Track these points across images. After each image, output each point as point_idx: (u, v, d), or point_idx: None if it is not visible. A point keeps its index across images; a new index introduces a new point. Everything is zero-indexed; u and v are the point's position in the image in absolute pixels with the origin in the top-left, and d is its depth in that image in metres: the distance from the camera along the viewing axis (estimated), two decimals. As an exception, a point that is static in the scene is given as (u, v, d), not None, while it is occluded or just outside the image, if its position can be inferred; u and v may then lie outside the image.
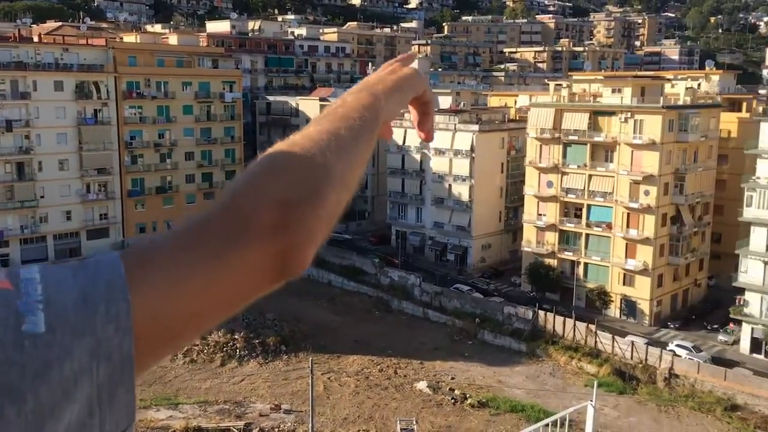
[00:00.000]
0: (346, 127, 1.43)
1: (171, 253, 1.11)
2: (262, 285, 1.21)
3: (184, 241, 1.13)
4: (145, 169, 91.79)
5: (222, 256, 1.13)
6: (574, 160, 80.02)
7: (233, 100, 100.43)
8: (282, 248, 1.19)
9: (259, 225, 1.17)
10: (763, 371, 63.95)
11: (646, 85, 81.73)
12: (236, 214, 1.17)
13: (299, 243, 1.21)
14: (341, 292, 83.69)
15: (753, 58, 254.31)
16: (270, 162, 1.27)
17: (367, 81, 1.65)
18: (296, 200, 1.21)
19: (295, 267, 1.23)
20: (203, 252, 1.12)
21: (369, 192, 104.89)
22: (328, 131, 1.39)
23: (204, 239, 1.14)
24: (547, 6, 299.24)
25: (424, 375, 65.14)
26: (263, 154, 1.31)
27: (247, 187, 1.21)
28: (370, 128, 1.49)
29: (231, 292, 1.16)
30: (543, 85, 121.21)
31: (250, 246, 1.15)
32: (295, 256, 1.21)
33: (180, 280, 1.09)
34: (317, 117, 1.47)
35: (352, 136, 1.42)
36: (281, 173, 1.25)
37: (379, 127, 1.55)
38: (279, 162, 1.27)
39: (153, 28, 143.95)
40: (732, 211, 74.95)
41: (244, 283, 1.17)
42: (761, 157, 68.92)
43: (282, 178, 1.24)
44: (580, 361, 67.01)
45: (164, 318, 1.07)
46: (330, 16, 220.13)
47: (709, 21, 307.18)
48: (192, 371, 65.61)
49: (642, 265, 75.26)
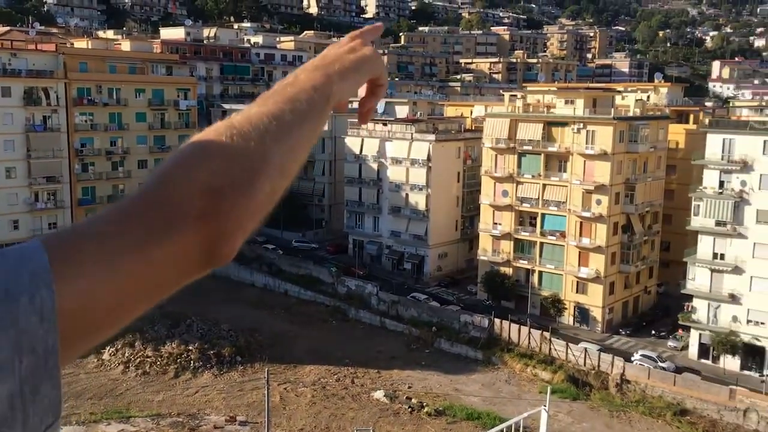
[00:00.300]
0: (292, 110, 1.37)
1: (96, 241, 1.07)
2: (189, 273, 1.19)
3: (110, 228, 1.10)
4: (97, 178, 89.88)
5: (148, 245, 1.10)
6: (529, 169, 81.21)
7: (188, 108, 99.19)
8: (210, 237, 1.17)
9: (186, 213, 1.14)
10: (711, 376, 65.74)
11: (598, 97, 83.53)
12: (163, 201, 1.14)
13: (228, 232, 1.19)
14: (298, 301, 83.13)
15: (699, 72, 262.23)
16: (203, 145, 1.23)
17: (325, 57, 1.56)
18: (227, 188, 1.18)
19: (223, 256, 1.20)
20: (129, 240, 1.09)
21: (326, 201, 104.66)
22: (270, 114, 1.33)
23: (130, 227, 1.11)
24: (502, 18, 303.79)
25: (381, 384, 65.05)
26: (197, 135, 1.27)
27: (176, 172, 1.18)
28: (318, 112, 1.43)
29: (157, 280, 1.14)
30: (498, 95, 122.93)
31: (177, 234, 1.13)
32: (223, 245, 1.19)
33: (105, 269, 1.05)
34: (264, 94, 1.41)
35: (296, 120, 1.36)
36: (214, 158, 1.21)
37: (329, 110, 1.49)
38: (212, 146, 1.23)
39: (105, 34, 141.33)
40: (680, 220, 76.97)
41: (171, 271, 1.15)
42: (708, 168, 70.92)
43: (214, 163, 1.20)
44: (534, 368, 67.82)
45: (90, 308, 1.04)
46: (286, 24, 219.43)
47: (657, 35, 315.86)
48: (144, 383, 64.27)
49: (594, 273, 76.68)
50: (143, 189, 1.17)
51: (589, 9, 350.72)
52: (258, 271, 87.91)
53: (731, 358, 68.69)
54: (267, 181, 1.25)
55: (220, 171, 1.19)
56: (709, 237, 70.58)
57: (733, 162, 68.75)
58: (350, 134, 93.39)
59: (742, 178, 68.42)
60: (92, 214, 1.15)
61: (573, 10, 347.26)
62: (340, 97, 1.51)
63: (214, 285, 73.36)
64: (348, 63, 1.54)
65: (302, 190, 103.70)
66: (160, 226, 1.12)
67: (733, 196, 68.75)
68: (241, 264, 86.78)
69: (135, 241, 1.09)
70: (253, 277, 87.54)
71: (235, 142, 1.24)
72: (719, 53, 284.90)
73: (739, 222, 68.72)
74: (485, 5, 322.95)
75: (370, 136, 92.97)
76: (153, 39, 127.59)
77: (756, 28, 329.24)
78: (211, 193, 1.17)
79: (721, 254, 70.08)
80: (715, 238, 70.12)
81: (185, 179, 1.17)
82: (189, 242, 1.15)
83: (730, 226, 68.92)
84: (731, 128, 71.48)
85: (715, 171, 70.08)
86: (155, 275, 1.13)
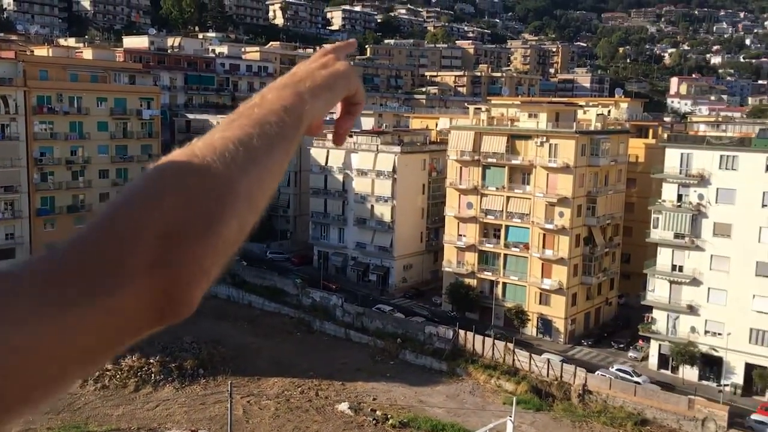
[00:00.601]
0: (260, 135, 1.21)
1: (28, 294, 0.92)
2: (138, 330, 1.03)
3: (46, 278, 0.94)
4: (56, 187, 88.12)
5: (88, 301, 0.94)
6: (493, 182, 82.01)
7: (151, 117, 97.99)
8: (164, 290, 1.01)
9: (134, 264, 0.98)
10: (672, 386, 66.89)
11: (561, 111, 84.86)
12: (106, 250, 0.98)
13: (185, 283, 1.03)
14: (262, 313, 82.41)
15: (658, 87, 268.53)
16: (157, 180, 1.06)
17: (294, 74, 1.43)
18: (183, 232, 1.02)
19: (180, 309, 1.04)
20: (67, 295, 0.93)
21: (291, 212, 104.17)
22: (237, 139, 1.17)
23: (68, 279, 0.95)
24: (467, 32, 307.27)
25: (345, 396, 64.74)
26: (152, 167, 1.09)
27: (124, 214, 1.01)
28: (290, 135, 1.28)
29: (99, 340, 0.98)
30: (463, 108, 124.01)
31: (120, 290, 0.97)
32: (179, 298, 1.03)
33: (37, 327, 0.90)
34: (228, 117, 1.26)
35: (266, 145, 1.21)
36: (170, 195, 1.03)
37: (301, 133, 1.35)
38: (169, 181, 1.06)
39: (66, 42, 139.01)
40: (640, 233, 78.40)
41: (114, 329, 0.99)
42: (666, 181, 72.41)
43: (170, 202, 1.03)
44: (498, 380, 68.20)
45: (18, 371, 0.90)
46: (252, 35, 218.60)
47: (617, 51, 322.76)
48: (103, 397, 62.94)
49: (557, 285, 77.58)
50: (87, 232, 1.00)
51: (551, 25, 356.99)
52: (221, 282, 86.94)
53: (690, 369, 70.02)
54: (233, 218, 1.09)
55: (177, 211, 1.02)
56: (668, 249, 72.00)
57: (691, 176, 70.37)
58: (316, 145, 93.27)
59: (700, 192, 70.04)
60: (32, 259, 0.98)
61: (536, 25, 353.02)
62: (313, 117, 1.37)
63: (176, 297, 72.24)
64: (320, 80, 1.41)
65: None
66: (99, 280, 0.96)
67: (691, 209, 70.31)
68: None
69: (72, 298, 0.94)
70: (216, 288, 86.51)
71: (196, 174, 1.07)
72: (677, 70, 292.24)
73: (696, 234, 70.27)
74: (450, 19, 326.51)
75: (336, 148, 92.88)
76: (116, 47, 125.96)
77: (712, 46, 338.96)
78: (165, 239, 1.00)
79: (679, 266, 71.53)
80: (673, 250, 71.56)
81: (135, 222, 1.00)
82: (137, 297, 0.99)
83: (688, 239, 70.43)
84: (689, 143, 73.18)
85: (674, 184, 71.61)
86: (96, 336, 0.97)
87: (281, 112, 1.28)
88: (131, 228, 0.99)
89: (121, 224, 1.00)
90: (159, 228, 1.00)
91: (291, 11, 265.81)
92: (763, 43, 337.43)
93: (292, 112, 1.30)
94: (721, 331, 68.68)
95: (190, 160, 1.09)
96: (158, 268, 0.99)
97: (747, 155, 67.58)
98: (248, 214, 1.13)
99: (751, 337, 67.50)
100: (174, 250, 1.01)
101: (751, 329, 67.41)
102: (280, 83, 1.38)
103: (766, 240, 66.31)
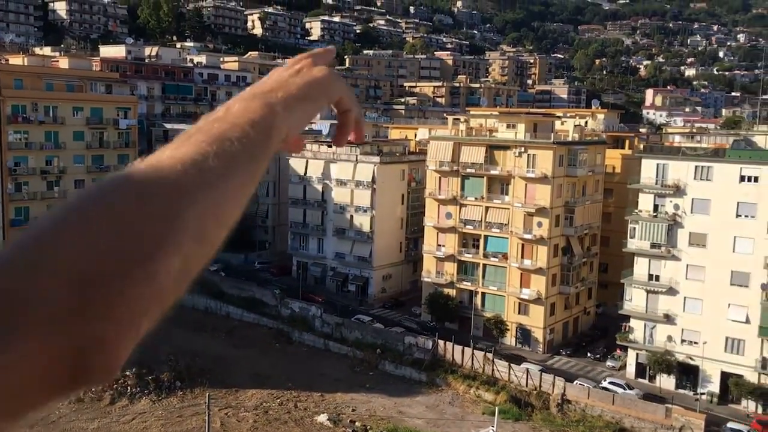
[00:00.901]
0: (218, 154, 1.01)
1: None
2: (47, 395, 0.81)
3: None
4: (31, 198, 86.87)
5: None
6: (472, 192, 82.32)
7: (128, 127, 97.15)
8: (78, 344, 0.79)
9: (40, 313, 0.77)
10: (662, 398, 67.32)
11: (538, 122, 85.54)
12: (8, 295, 0.77)
13: (104, 337, 0.81)
14: (240, 324, 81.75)
15: (634, 99, 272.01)
16: (80, 210, 0.84)
17: (265, 83, 1.27)
18: (107, 275, 0.80)
19: (100, 370, 0.82)
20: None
21: (270, 222, 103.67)
22: (189, 160, 0.96)
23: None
24: (446, 43, 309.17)
25: (324, 407, 64.33)
26: (79, 191, 0.90)
27: (32, 252, 0.80)
28: (256, 153, 1.09)
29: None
30: (442, 119, 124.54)
31: (18, 344, 0.76)
32: (97, 357, 0.81)
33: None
34: (186, 131, 1.06)
35: (225, 166, 1.01)
36: (92, 228, 0.82)
37: (271, 150, 1.15)
38: (93, 211, 0.84)
39: (42, 51, 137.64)
40: (617, 242, 79.05)
41: (15, 394, 0.78)
42: (643, 192, 73.18)
43: (91, 236, 0.81)
44: (478, 390, 68.20)
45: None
46: (231, 45, 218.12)
47: (594, 63, 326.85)
48: (78, 411, 61.93)
49: (536, 295, 77.91)
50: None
51: (529, 37, 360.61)
52: (199, 293, 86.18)
53: (667, 377, 70.57)
54: (174, 256, 0.87)
55: (100, 248, 0.81)
56: (645, 259, 72.67)
57: (667, 186, 71.19)
58: (294, 155, 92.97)
59: (676, 202, 70.86)
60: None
61: (514, 37, 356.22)
62: (289, 130, 1.20)
63: (153, 308, 71.47)
64: (294, 89, 1.24)
65: (246, 211, 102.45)
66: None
67: (667, 219, 71.08)
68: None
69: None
70: (194, 299, 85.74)
71: (129, 203, 0.86)
72: (652, 81, 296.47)
73: (672, 244, 71.02)
74: (429, 30, 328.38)
75: (315, 158, 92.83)
76: (92, 57, 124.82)
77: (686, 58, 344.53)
78: (82, 284, 0.79)
79: (656, 275, 72.20)
80: (650, 259, 72.23)
81: (44, 263, 0.79)
82: (45, 353, 0.78)
83: (665, 249, 71.15)
84: (665, 154, 74.06)
85: (650, 195, 72.39)
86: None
87: (246, 126, 1.09)
88: (39, 269, 0.78)
89: (26, 264, 0.78)
90: (74, 269, 0.79)
91: (270, 21, 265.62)
92: (736, 56, 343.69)
93: (259, 127, 1.11)
94: (697, 340, 69.36)
95: (125, 184, 0.88)
96: (71, 322, 0.78)
97: (721, 166, 68.55)
98: (197, 250, 0.92)
99: (726, 346, 68.23)
100: (93, 298, 0.79)
101: (726, 338, 68.15)
102: (248, 93, 1.23)
103: (740, 250, 67.20)
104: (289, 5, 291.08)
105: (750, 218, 66.93)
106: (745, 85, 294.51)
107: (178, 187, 0.91)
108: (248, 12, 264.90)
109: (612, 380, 69.87)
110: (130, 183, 0.88)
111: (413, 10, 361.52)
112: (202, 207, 0.93)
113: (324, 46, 1.56)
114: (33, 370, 0.78)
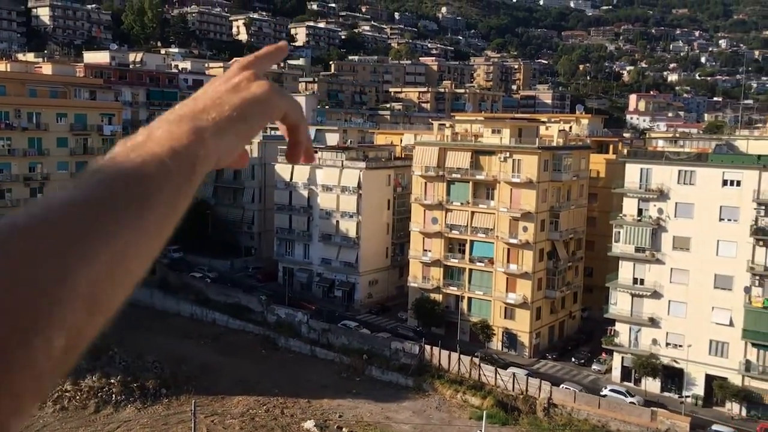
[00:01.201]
0: (127, 194, 0.84)
1: None
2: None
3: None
4: (14, 205, 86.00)
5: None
6: (458, 197, 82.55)
7: (112, 133, 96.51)
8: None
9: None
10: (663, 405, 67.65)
11: (523, 127, 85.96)
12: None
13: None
14: (226, 330, 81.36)
15: (618, 104, 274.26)
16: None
17: (197, 100, 1.14)
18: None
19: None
20: None
21: (255, 228, 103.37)
22: (87, 203, 0.80)
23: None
24: (431, 49, 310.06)
25: (311, 414, 64.14)
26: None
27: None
28: (176, 188, 0.92)
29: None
30: (427, 124, 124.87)
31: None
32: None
33: None
34: (87, 170, 0.89)
35: (134, 207, 0.84)
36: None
37: (195, 182, 0.99)
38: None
39: (25, 57, 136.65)
40: (602, 247, 79.59)
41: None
42: (627, 196, 73.75)
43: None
44: (464, 394, 68.27)
45: None
46: (215, 50, 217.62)
47: (578, 68, 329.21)
48: (62, 419, 61.32)
49: (522, 299, 78.18)
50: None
51: (513, 42, 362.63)
52: (185, 300, 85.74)
53: (652, 380, 71.02)
54: (57, 336, 0.72)
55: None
56: (629, 263, 73.18)
57: (651, 191, 71.78)
58: (280, 161, 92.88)
59: (659, 206, 71.46)
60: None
61: (498, 43, 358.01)
62: (216, 159, 1.03)
63: (138, 315, 71.04)
64: (228, 109, 1.09)
65: (231, 217, 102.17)
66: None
67: (651, 224, 71.65)
68: (167, 293, 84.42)
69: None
70: (180, 306, 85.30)
71: (1, 273, 0.71)
72: (635, 87, 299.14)
73: (657, 248, 71.58)
74: (414, 36, 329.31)
75: (301, 164, 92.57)
76: (76, 63, 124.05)
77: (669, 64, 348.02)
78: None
79: (640, 279, 72.71)
80: (634, 263, 72.76)
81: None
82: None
83: (649, 252, 71.69)
84: (648, 158, 74.69)
85: (634, 199, 72.95)
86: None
87: (166, 157, 0.93)
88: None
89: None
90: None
91: (255, 27, 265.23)
92: (717, 61, 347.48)
93: (181, 158, 0.95)
94: (681, 343, 69.89)
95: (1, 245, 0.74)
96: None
97: (704, 170, 69.22)
98: (90, 319, 0.76)
99: (710, 349, 68.80)
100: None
101: (710, 341, 68.73)
102: (176, 115, 1.08)
103: (723, 253, 67.84)
104: (274, 11, 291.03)
105: (733, 222, 67.62)
106: (727, 90, 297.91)
107: (69, 243, 0.75)
108: (233, 18, 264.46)
109: (613, 387, 69.59)
110: (11, 242, 0.73)
111: (398, 16, 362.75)
112: (97, 266, 0.76)
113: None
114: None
